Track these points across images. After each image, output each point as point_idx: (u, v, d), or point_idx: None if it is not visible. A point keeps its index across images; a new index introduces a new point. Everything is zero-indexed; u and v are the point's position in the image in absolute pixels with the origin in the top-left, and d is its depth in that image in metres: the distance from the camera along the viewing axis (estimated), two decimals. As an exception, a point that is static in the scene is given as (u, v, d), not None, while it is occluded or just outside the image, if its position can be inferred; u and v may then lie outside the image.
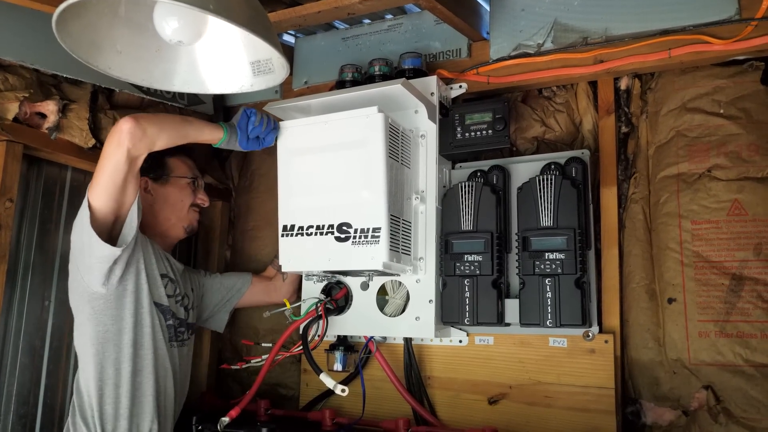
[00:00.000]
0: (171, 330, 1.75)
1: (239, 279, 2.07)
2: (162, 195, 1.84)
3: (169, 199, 1.85)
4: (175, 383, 1.74)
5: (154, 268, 1.72)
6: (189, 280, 1.93)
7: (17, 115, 1.70)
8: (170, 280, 1.78)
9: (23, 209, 1.83)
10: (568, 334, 1.69)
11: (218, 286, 2.03)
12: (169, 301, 1.75)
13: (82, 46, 1.25)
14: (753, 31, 1.58)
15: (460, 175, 1.87)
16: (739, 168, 1.65)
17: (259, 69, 1.37)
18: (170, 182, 1.86)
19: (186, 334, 1.84)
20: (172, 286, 1.78)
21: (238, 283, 2.06)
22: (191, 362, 1.91)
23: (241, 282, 2.06)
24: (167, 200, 1.85)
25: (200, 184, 1.95)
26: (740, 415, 1.55)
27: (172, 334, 1.75)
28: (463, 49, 1.95)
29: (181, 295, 1.83)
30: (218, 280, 2.05)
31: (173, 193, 1.86)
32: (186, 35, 1.27)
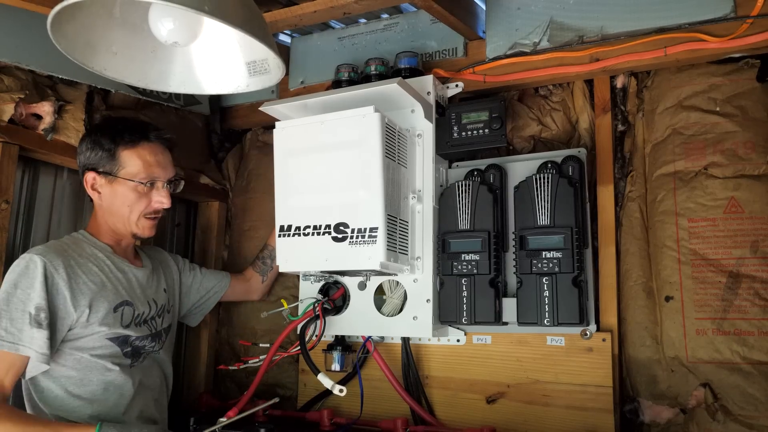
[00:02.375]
0: (128, 355, 1.63)
1: (218, 282, 2.02)
2: (108, 194, 1.64)
3: (115, 201, 1.64)
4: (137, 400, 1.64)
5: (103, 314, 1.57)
6: (159, 279, 1.81)
7: (13, 117, 1.69)
8: (126, 303, 1.64)
9: (19, 211, 1.82)
10: (565, 332, 1.69)
11: (197, 286, 1.97)
12: (127, 329, 1.62)
13: (78, 48, 1.25)
14: (748, 28, 1.58)
15: (456, 174, 1.87)
16: (736, 165, 1.65)
17: (254, 69, 1.37)
18: (117, 181, 1.62)
19: (156, 344, 1.74)
20: (129, 311, 1.64)
21: (216, 287, 2.01)
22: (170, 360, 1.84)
23: (220, 286, 2.02)
24: (113, 202, 1.64)
25: (159, 186, 1.67)
26: (738, 412, 1.56)
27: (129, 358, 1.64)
28: (459, 48, 1.95)
29: (142, 314, 1.69)
30: (198, 280, 1.98)
31: (119, 195, 1.63)
32: (181, 36, 1.27)
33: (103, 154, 1.61)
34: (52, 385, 1.53)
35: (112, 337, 1.59)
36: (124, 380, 1.61)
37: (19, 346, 1.43)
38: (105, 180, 1.63)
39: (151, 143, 1.67)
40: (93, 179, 1.63)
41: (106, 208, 1.66)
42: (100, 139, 1.64)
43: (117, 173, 1.62)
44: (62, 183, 1.96)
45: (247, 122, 2.36)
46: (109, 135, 1.63)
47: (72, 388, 1.54)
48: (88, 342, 1.56)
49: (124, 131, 1.64)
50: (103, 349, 1.58)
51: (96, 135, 1.66)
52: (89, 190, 1.65)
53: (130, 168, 1.62)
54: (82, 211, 2.02)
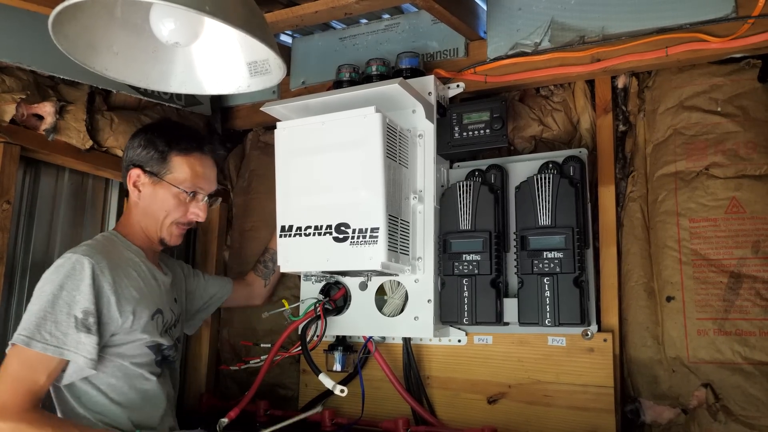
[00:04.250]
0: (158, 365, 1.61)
1: (221, 288, 1.99)
2: (149, 194, 1.62)
3: (153, 203, 1.62)
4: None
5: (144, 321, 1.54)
6: (177, 287, 1.81)
7: (14, 117, 1.70)
8: (159, 311, 1.61)
9: (21, 211, 1.82)
10: (566, 333, 1.69)
11: (201, 292, 1.94)
12: (161, 338, 1.60)
13: (79, 48, 1.25)
14: (750, 28, 1.58)
15: (458, 174, 1.87)
16: (737, 166, 1.65)
17: (256, 70, 1.37)
18: (161, 184, 1.61)
19: (176, 353, 1.71)
20: (161, 319, 1.61)
21: (219, 293, 1.98)
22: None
23: (222, 292, 1.99)
24: (151, 203, 1.62)
25: (200, 198, 1.67)
26: (739, 412, 1.55)
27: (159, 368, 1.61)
28: (460, 49, 1.95)
29: (168, 322, 1.66)
30: (202, 286, 1.94)
31: (158, 198, 1.62)
32: (182, 36, 1.27)
33: (154, 155, 1.59)
34: (92, 391, 1.48)
35: (150, 345, 1.56)
36: (158, 391, 1.58)
37: (63, 350, 1.38)
38: (149, 180, 1.61)
39: (204, 155, 1.66)
40: (137, 176, 1.61)
41: (142, 208, 1.63)
42: (155, 139, 1.61)
43: (163, 176, 1.60)
44: (63, 183, 1.96)
45: (249, 123, 2.36)
46: (166, 137, 1.62)
47: (114, 395, 1.49)
48: (130, 349, 1.52)
49: (181, 137, 1.64)
50: (142, 358, 1.55)
51: (152, 134, 1.63)
52: (130, 186, 1.61)
53: (177, 174, 1.61)
54: (82, 212, 2.02)
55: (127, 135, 1.98)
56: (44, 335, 1.37)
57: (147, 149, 1.60)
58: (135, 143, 1.64)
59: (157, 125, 1.74)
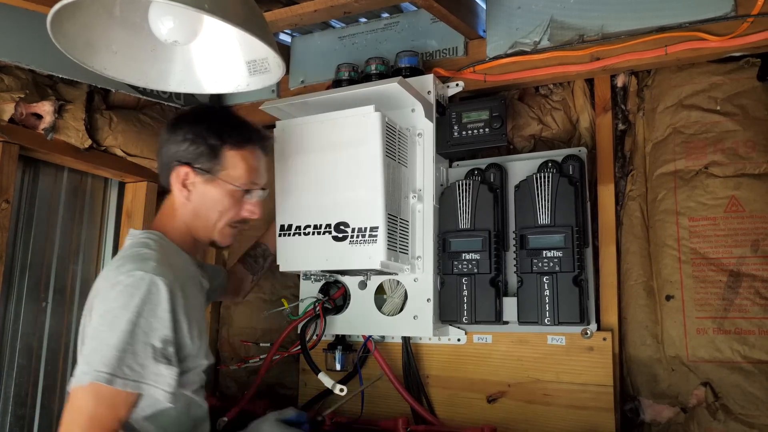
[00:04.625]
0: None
1: (222, 278, 1.83)
2: (199, 194, 1.42)
3: (206, 203, 1.43)
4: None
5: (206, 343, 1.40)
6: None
7: (13, 116, 1.70)
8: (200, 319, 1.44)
9: (19, 210, 1.82)
10: (566, 332, 1.69)
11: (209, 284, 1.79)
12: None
13: (77, 47, 1.25)
14: (749, 27, 1.58)
15: (457, 173, 1.87)
16: (736, 164, 1.65)
17: (255, 68, 1.37)
18: (214, 182, 1.42)
19: None
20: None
21: (220, 283, 1.81)
22: None
23: (222, 282, 1.83)
24: (202, 203, 1.43)
25: (254, 194, 1.48)
26: (739, 411, 1.55)
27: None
28: (459, 48, 1.95)
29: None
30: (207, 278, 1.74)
31: (211, 198, 1.43)
32: (181, 35, 1.27)
33: (204, 150, 1.39)
34: (150, 427, 1.29)
35: (205, 369, 1.41)
36: (205, 416, 1.43)
37: (142, 383, 1.21)
38: (200, 178, 1.40)
39: (256, 147, 1.47)
40: (186, 175, 1.40)
41: (191, 209, 1.43)
42: (204, 133, 1.40)
43: (217, 173, 1.41)
44: (62, 183, 1.96)
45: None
46: (215, 130, 1.41)
47: (171, 428, 1.32)
48: (191, 377, 1.36)
49: (232, 129, 1.44)
50: (198, 384, 1.39)
51: (198, 126, 1.41)
52: (177, 185, 1.41)
53: (232, 171, 1.42)
54: (81, 211, 2.02)
55: (126, 134, 1.98)
56: (125, 370, 1.19)
57: (195, 144, 1.39)
58: (178, 137, 1.41)
59: (202, 115, 1.48)
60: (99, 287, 1.31)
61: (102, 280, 1.31)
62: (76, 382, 1.20)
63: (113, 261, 1.35)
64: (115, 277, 1.26)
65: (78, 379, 1.20)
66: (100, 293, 1.28)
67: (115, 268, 1.29)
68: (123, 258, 1.32)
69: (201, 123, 1.43)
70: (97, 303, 1.27)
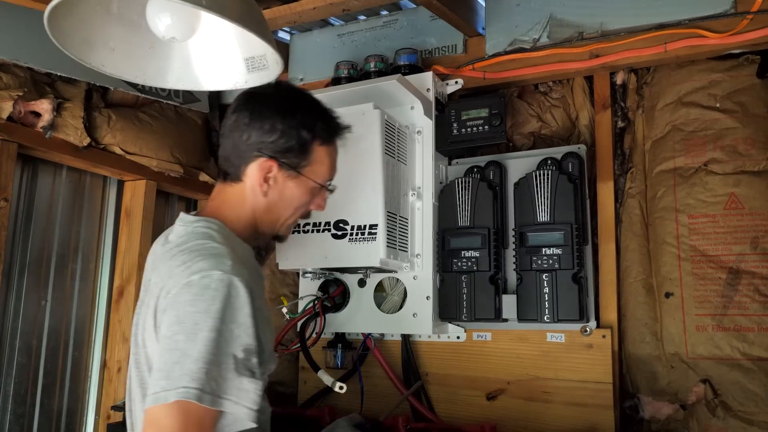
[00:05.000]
0: None
1: None
2: (279, 190, 1.26)
3: (283, 198, 1.28)
4: None
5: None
6: None
7: (11, 114, 1.69)
8: None
9: (18, 209, 1.82)
10: (565, 329, 1.69)
11: None
12: None
13: (75, 44, 1.24)
14: (748, 24, 1.57)
15: (456, 171, 1.87)
16: (736, 162, 1.65)
17: (253, 65, 1.36)
18: (297, 178, 1.27)
19: None
20: None
21: None
22: None
23: None
24: (280, 199, 1.28)
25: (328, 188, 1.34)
26: (738, 408, 1.55)
27: None
28: (458, 45, 1.94)
29: None
30: None
31: (289, 194, 1.28)
32: (179, 31, 1.26)
33: (294, 145, 1.23)
34: None
35: (270, 374, 1.26)
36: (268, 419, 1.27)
37: (222, 399, 1.04)
38: (283, 174, 1.25)
39: (339, 140, 1.35)
40: (270, 169, 1.23)
41: (264, 204, 1.26)
42: (298, 126, 1.24)
43: (302, 169, 1.26)
44: (61, 181, 1.95)
45: (247, 120, 2.35)
46: (309, 123, 1.26)
47: None
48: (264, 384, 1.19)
49: (324, 122, 1.29)
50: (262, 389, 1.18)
51: (292, 118, 1.24)
52: (257, 179, 1.23)
53: (317, 166, 1.28)
54: (80, 209, 2.02)
55: (125, 132, 1.98)
56: (212, 385, 1.04)
57: (286, 137, 1.23)
58: (264, 125, 1.23)
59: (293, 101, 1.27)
60: (165, 284, 1.11)
61: (166, 277, 1.12)
62: (155, 401, 1.01)
63: (173, 253, 1.16)
64: (187, 276, 1.08)
65: (158, 397, 1.01)
66: (168, 293, 1.09)
67: (182, 263, 1.11)
68: (188, 252, 1.13)
69: (294, 113, 1.25)
70: (166, 305, 1.09)
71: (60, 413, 1.90)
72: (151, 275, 1.20)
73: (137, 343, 1.18)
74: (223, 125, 1.27)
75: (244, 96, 1.27)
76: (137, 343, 1.18)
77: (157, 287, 1.13)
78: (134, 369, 1.16)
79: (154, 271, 1.19)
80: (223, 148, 1.27)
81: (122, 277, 2.06)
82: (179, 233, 1.21)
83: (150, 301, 1.14)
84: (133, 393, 1.18)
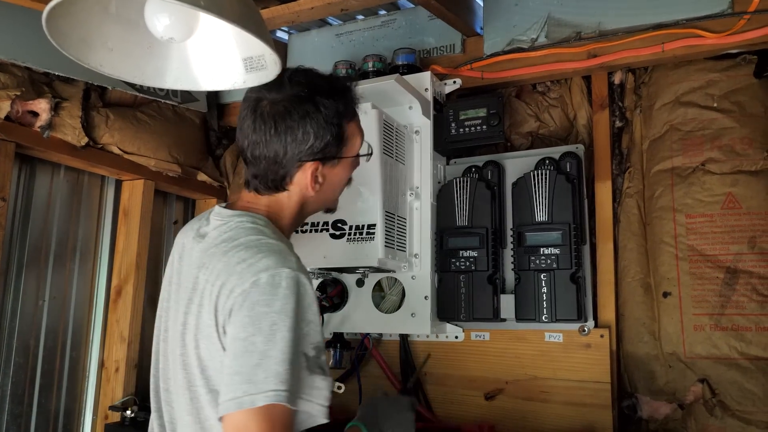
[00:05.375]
0: None
1: None
2: (327, 179, 1.25)
3: (332, 184, 1.27)
4: None
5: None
6: None
7: (9, 114, 1.69)
8: None
9: (16, 208, 1.82)
10: (563, 329, 1.69)
11: None
12: None
13: (73, 44, 1.24)
14: (746, 24, 1.58)
15: (454, 170, 1.87)
16: (733, 161, 1.65)
17: (251, 65, 1.36)
18: (341, 162, 1.25)
19: None
20: None
21: None
22: None
23: None
24: (329, 186, 1.27)
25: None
26: (736, 408, 1.56)
27: None
28: (456, 45, 1.94)
29: None
30: None
31: (339, 178, 1.28)
32: (177, 32, 1.26)
33: (330, 139, 1.20)
34: None
35: None
36: None
37: (299, 399, 1.03)
38: (329, 167, 1.23)
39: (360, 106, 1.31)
40: (316, 169, 1.20)
41: (314, 198, 1.25)
42: (325, 122, 1.20)
43: (342, 153, 1.24)
44: (59, 180, 1.95)
45: (245, 119, 2.35)
46: (333, 111, 1.21)
47: None
48: None
49: (342, 99, 1.24)
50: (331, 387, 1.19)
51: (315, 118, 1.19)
52: (306, 182, 1.21)
53: (352, 142, 1.26)
54: (78, 209, 2.02)
55: (123, 132, 1.98)
56: (294, 385, 1.02)
57: (320, 137, 1.20)
58: (296, 135, 1.18)
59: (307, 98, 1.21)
60: (225, 282, 1.06)
61: (225, 274, 1.07)
62: (239, 406, 0.97)
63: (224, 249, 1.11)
64: (253, 275, 1.04)
65: (241, 402, 0.97)
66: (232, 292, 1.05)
67: (242, 261, 1.07)
68: (245, 248, 1.09)
69: (318, 109, 1.20)
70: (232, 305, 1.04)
71: (57, 413, 1.90)
72: (197, 272, 1.12)
73: (184, 343, 1.11)
74: (242, 144, 1.21)
75: (257, 109, 1.21)
76: (184, 343, 1.11)
77: (213, 285, 1.08)
78: (181, 371, 1.10)
79: (201, 268, 1.12)
80: (255, 167, 1.21)
81: (120, 277, 2.06)
82: (220, 228, 1.17)
83: (204, 300, 1.09)
84: (178, 396, 1.12)
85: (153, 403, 1.18)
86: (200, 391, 1.07)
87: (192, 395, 1.08)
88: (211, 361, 1.06)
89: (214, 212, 1.21)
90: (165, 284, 1.23)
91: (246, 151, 1.21)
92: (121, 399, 1.98)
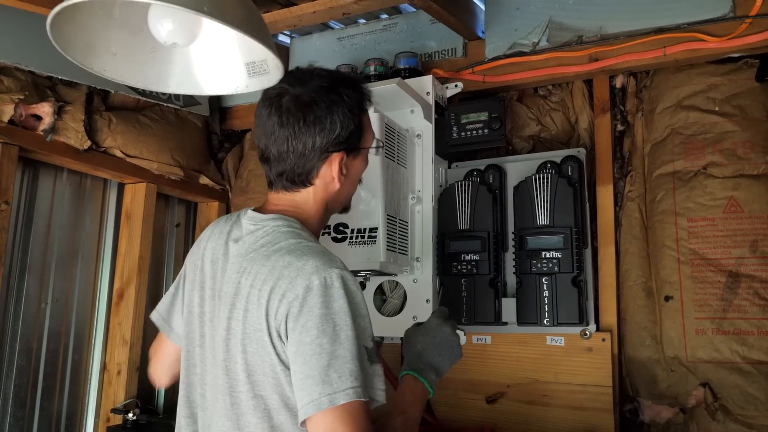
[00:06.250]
0: None
1: None
2: (350, 171, 1.26)
3: (352, 176, 1.28)
4: None
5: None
6: None
7: (13, 117, 1.70)
8: None
9: (19, 211, 1.82)
10: (565, 332, 1.69)
11: None
12: None
13: (77, 48, 1.25)
14: (747, 28, 1.58)
15: (456, 174, 1.87)
16: (735, 165, 1.65)
17: (254, 70, 1.37)
18: (361, 153, 1.27)
19: None
20: None
21: None
22: None
23: None
24: (350, 177, 1.27)
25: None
26: (738, 412, 1.55)
27: None
28: (458, 49, 1.95)
29: None
30: None
31: (358, 170, 1.29)
32: (181, 37, 1.27)
33: (353, 129, 1.22)
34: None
35: None
36: None
37: (369, 390, 1.07)
38: (351, 157, 1.24)
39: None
40: (342, 159, 1.21)
41: (337, 192, 1.25)
42: (348, 109, 1.22)
43: (363, 144, 1.27)
44: (62, 184, 1.96)
45: (247, 123, 2.36)
46: (352, 100, 1.23)
47: None
48: None
49: (357, 90, 1.26)
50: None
51: (342, 104, 1.21)
52: (333, 173, 1.21)
53: (367, 133, 1.28)
54: (81, 212, 2.02)
55: (125, 135, 1.98)
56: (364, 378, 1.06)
57: (345, 126, 1.21)
58: (324, 125, 1.19)
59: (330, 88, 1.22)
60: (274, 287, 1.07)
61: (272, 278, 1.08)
62: (317, 408, 1.00)
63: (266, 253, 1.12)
64: (305, 278, 1.06)
65: (319, 403, 1.00)
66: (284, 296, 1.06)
67: (288, 265, 1.08)
68: (288, 252, 1.11)
69: (341, 97, 1.22)
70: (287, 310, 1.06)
71: (60, 416, 1.91)
72: (238, 277, 1.12)
73: (228, 348, 1.11)
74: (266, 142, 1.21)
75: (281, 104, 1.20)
76: (228, 348, 1.11)
77: (261, 290, 1.09)
78: (222, 376, 1.10)
79: (242, 273, 1.12)
80: (281, 164, 1.21)
81: (122, 280, 2.06)
82: (256, 232, 1.18)
83: (251, 305, 1.09)
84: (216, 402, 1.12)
85: (184, 409, 1.18)
86: (243, 397, 1.07)
87: (233, 401, 1.08)
88: (259, 366, 1.07)
89: (247, 216, 1.22)
90: (190, 288, 1.23)
91: (270, 149, 1.20)
92: (123, 402, 1.98)
